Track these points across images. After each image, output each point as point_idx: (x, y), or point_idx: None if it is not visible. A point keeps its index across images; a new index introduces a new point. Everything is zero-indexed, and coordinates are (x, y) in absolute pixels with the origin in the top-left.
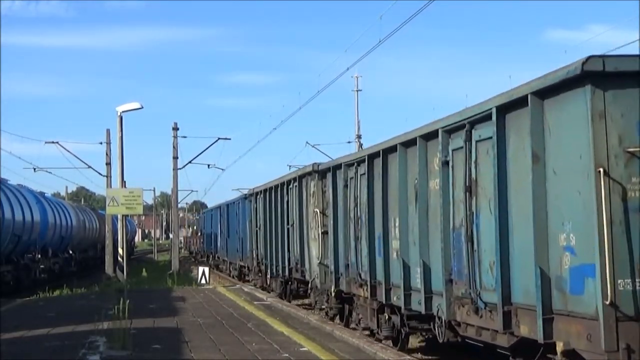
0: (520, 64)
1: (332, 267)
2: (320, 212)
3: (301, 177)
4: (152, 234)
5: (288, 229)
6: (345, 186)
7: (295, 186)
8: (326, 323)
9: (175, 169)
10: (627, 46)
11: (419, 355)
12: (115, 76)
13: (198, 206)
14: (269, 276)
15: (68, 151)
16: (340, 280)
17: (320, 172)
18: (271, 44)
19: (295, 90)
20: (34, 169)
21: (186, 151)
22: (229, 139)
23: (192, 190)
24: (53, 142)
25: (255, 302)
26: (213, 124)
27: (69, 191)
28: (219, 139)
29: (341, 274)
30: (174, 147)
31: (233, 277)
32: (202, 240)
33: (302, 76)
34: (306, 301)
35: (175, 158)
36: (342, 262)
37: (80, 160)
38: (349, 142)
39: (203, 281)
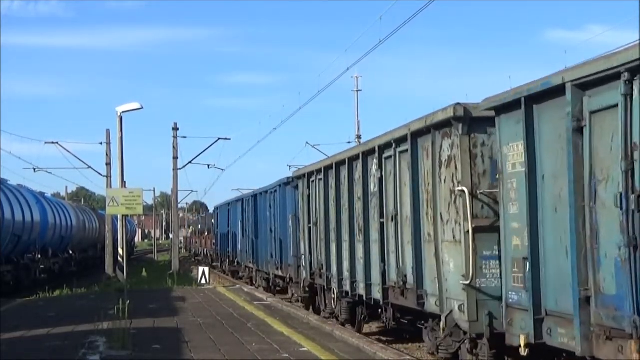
0: (520, 64)
1: (521, 298)
2: (468, 193)
3: (417, 134)
4: (152, 234)
5: (382, 225)
6: (579, 130)
7: (403, 152)
8: (326, 323)
9: (175, 169)
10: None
11: None
12: (115, 76)
13: (198, 206)
14: (334, 295)
15: (68, 151)
16: (545, 325)
17: (469, 120)
18: (271, 44)
19: (295, 90)
20: (34, 169)
21: (186, 151)
22: (229, 139)
23: (192, 191)
24: (53, 143)
25: (255, 302)
26: (213, 124)
27: (69, 191)
28: (219, 139)
29: (549, 313)
30: (174, 147)
31: (258, 287)
32: (214, 241)
33: (302, 76)
34: (374, 328)
35: (175, 158)
36: (569, 291)
37: (80, 160)
38: (349, 142)
39: (203, 281)
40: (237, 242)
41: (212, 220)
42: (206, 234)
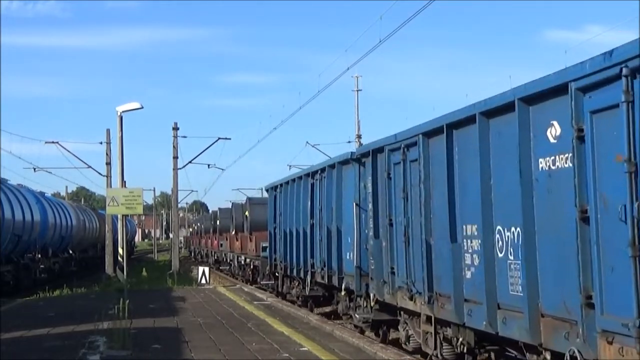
0: (519, 64)
1: None
2: None
3: None
4: (152, 234)
5: None
6: None
7: None
8: (326, 323)
9: (175, 169)
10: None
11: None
12: (115, 76)
13: (198, 206)
14: None
15: (68, 151)
16: None
17: None
18: (271, 44)
19: (295, 90)
20: (34, 169)
21: (186, 151)
22: (229, 139)
23: (192, 190)
24: (53, 142)
25: (255, 302)
26: (213, 124)
27: (69, 191)
28: (219, 139)
29: None
30: (174, 147)
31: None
32: (263, 245)
33: (302, 76)
34: None
35: (175, 158)
36: None
37: (80, 160)
38: (349, 142)
39: (203, 281)
40: (341, 246)
41: (246, 213)
42: (233, 232)
